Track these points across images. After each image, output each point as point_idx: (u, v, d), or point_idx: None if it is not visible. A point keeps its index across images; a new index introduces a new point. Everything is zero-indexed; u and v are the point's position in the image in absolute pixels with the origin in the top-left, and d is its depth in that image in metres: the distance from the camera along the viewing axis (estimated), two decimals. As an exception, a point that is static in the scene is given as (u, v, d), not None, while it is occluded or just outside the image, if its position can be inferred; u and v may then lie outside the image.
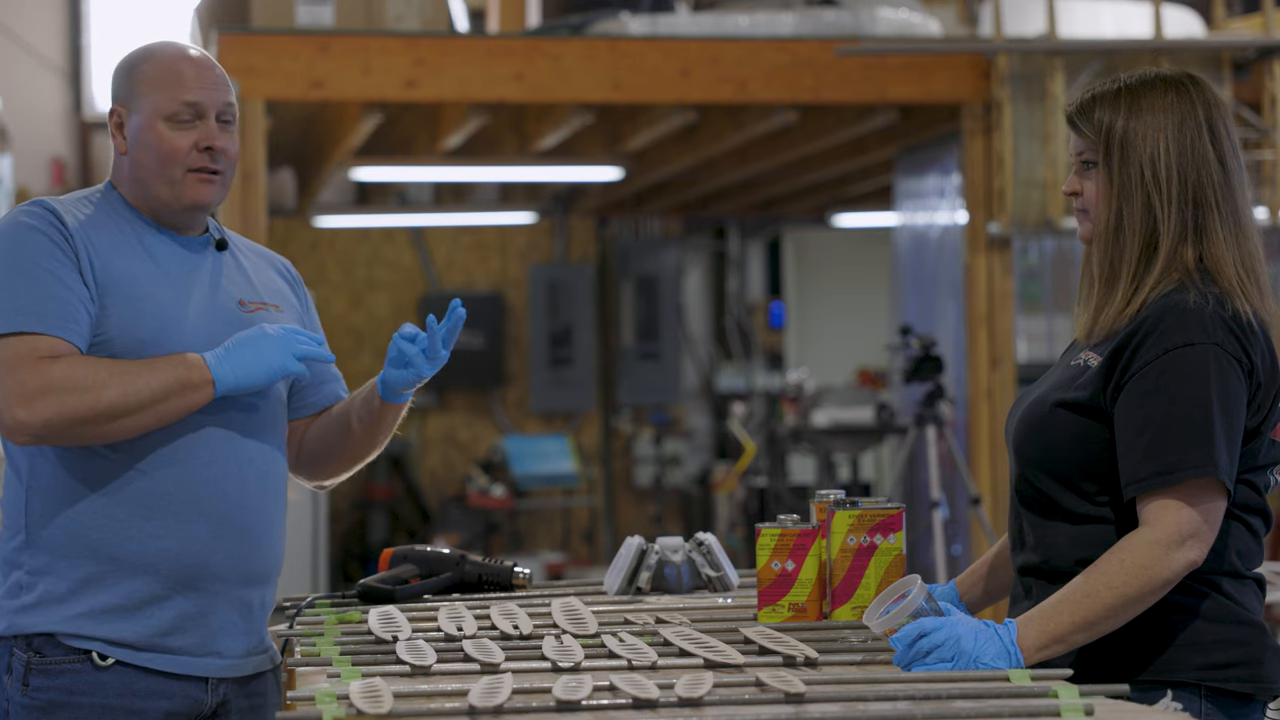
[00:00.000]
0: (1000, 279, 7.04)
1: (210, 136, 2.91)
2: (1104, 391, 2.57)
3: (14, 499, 2.89)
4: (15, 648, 2.85)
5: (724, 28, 7.04)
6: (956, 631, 2.41)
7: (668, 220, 11.95)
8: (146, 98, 2.90)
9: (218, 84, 2.93)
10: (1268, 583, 6.79)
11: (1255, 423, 2.57)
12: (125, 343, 2.82)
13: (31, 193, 10.41)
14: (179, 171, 2.90)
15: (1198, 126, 2.61)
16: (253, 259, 3.09)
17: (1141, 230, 2.61)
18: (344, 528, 11.08)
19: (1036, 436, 2.64)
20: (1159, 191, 2.59)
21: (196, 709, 2.89)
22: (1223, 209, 2.60)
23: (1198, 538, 2.48)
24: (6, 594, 2.88)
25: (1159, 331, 2.54)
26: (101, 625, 2.83)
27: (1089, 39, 7.07)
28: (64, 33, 11.37)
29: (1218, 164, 2.61)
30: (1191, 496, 2.48)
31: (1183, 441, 2.49)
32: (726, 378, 11.97)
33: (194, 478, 2.86)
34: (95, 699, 2.83)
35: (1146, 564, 2.47)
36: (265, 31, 6.53)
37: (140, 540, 2.83)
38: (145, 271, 2.88)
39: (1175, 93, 2.63)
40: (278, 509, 2.98)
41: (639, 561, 3.04)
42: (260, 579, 2.94)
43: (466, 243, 11.55)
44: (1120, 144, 2.61)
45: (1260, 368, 2.56)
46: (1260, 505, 2.62)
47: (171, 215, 2.94)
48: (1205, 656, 2.54)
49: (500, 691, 2.13)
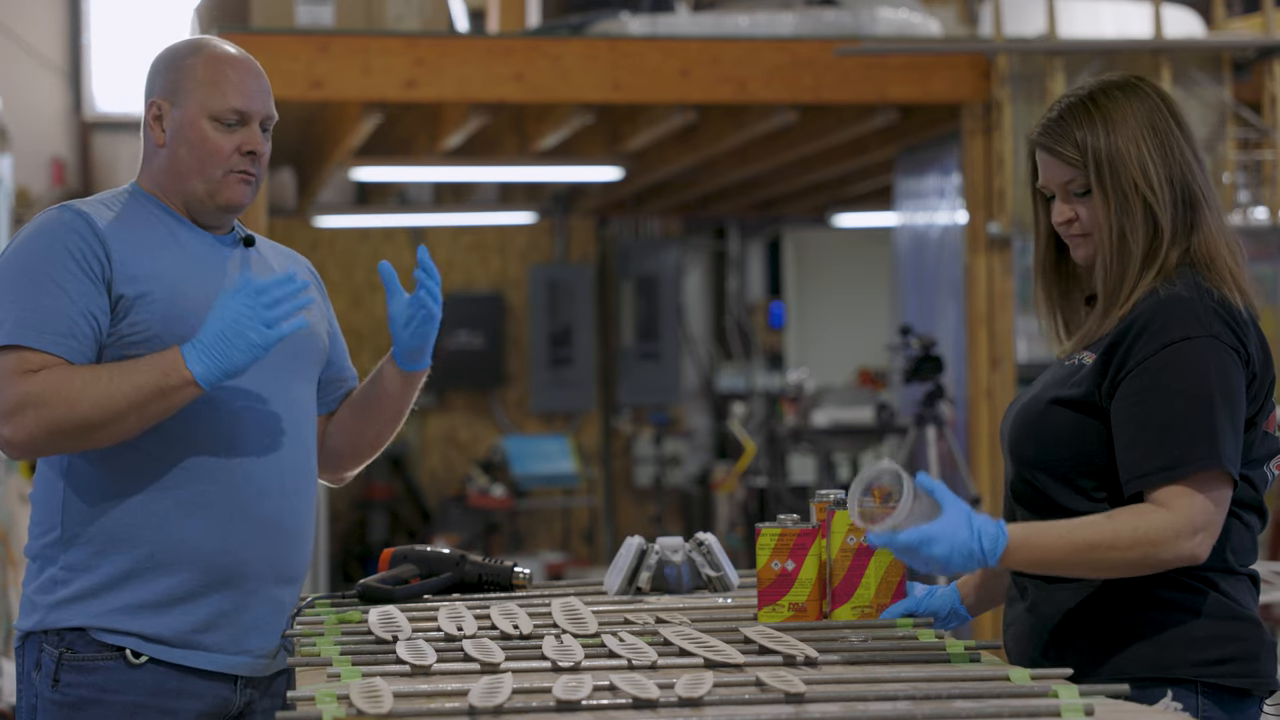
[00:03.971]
0: (1000, 279, 7.04)
1: (254, 142, 2.95)
2: (1099, 388, 2.58)
3: (49, 495, 2.89)
4: (45, 643, 2.85)
5: (724, 28, 7.04)
6: (933, 551, 2.44)
7: (668, 220, 11.95)
8: (194, 94, 2.93)
9: (265, 94, 3.00)
10: (1267, 582, 6.79)
11: (1250, 413, 2.58)
12: (166, 340, 2.84)
13: (31, 193, 10.41)
14: (219, 171, 2.93)
15: (1167, 124, 2.63)
16: (276, 258, 3.12)
17: (1144, 238, 2.61)
18: (344, 528, 11.08)
19: (1033, 435, 2.65)
20: (1156, 199, 2.60)
21: (225, 709, 2.91)
22: (1209, 200, 2.64)
23: (1209, 531, 2.49)
24: (40, 589, 2.88)
25: (1155, 326, 2.54)
26: (136, 620, 2.84)
27: (1089, 39, 7.07)
28: (64, 33, 11.36)
29: (1194, 157, 2.64)
30: (1202, 486, 2.49)
31: (1187, 436, 2.49)
32: (726, 378, 11.97)
33: (235, 477, 2.88)
34: (127, 697, 2.84)
35: (1156, 541, 2.47)
36: (265, 31, 6.53)
37: (180, 538, 2.85)
38: (183, 268, 2.90)
39: (1138, 97, 2.65)
40: (310, 509, 3.01)
41: (639, 561, 3.04)
42: (292, 578, 2.98)
43: (466, 243, 11.56)
44: (1109, 162, 2.61)
45: (1255, 358, 2.58)
46: (1256, 502, 2.62)
47: (204, 213, 2.96)
48: (1202, 653, 2.55)
49: (500, 691, 2.13)
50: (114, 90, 11.37)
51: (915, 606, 2.74)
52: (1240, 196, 6.90)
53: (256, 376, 2.89)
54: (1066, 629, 2.63)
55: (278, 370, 2.94)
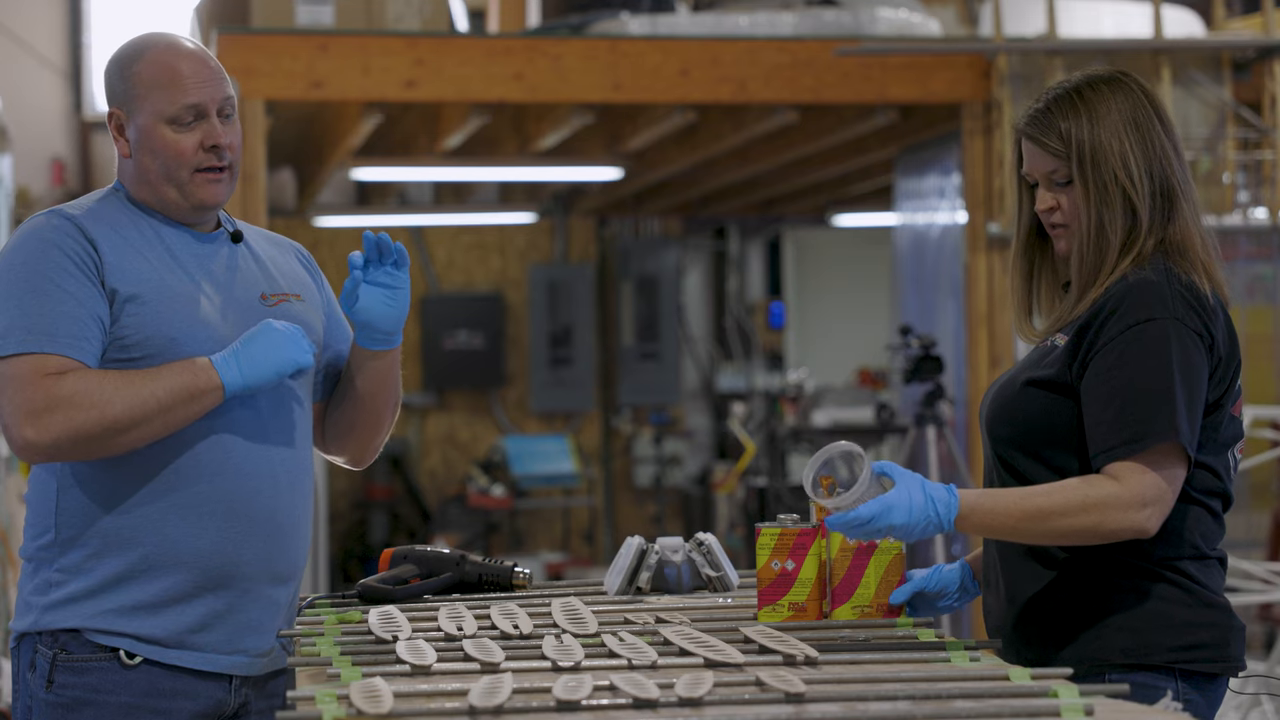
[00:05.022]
0: (1000, 279, 7.04)
1: (214, 135, 2.90)
2: (1070, 368, 2.67)
3: (43, 497, 2.89)
4: (40, 644, 2.85)
5: (724, 28, 7.04)
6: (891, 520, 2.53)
7: (668, 220, 11.95)
8: (145, 100, 2.90)
9: (215, 79, 2.92)
10: (1268, 582, 6.76)
11: (1216, 395, 2.66)
12: (159, 342, 2.83)
13: (31, 193, 10.41)
14: (185, 173, 2.90)
15: (1149, 119, 2.72)
16: (268, 248, 3.09)
17: (1122, 229, 2.70)
18: (344, 528, 11.08)
19: (1008, 414, 2.73)
20: (1135, 190, 2.69)
21: (219, 709, 2.90)
22: (1186, 193, 2.72)
23: (1159, 505, 2.58)
24: (34, 591, 2.88)
25: (1122, 309, 2.63)
26: (130, 621, 2.84)
27: (1089, 39, 7.07)
28: (64, 33, 11.37)
29: (1173, 151, 2.72)
30: (1155, 462, 2.58)
31: (1146, 410, 2.58)
32: (726, 378, 11.97)
33: (228, 478, 2.87)
34: (121, 697, 2.83)
35: (1104, 510, 2.56)
36: (265, 31, 6.53)
37: (175, 539, 2.84)
38: (169, 269, 2.89)
39: (1122, 91, 2.73)
40: (306, 507, 3.00)
41: (639, 561, 3.04)
42: (287, 577, 2.97)
43: (466, 243, 11.55)
44: (1091, 153, 2.70)
45: (1220, 342, 2.66)
46: (1221, 489, 2.71)
47: (182, 214, 2.95)
48: (1177, 639, 2.64)
49: (500, 691, 2.13)
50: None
51: (925, 584, 2.80)
52: (1240, 196, 6.91)
53: None
54: (1041, 617, 2.71)
55: None
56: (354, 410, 3.10)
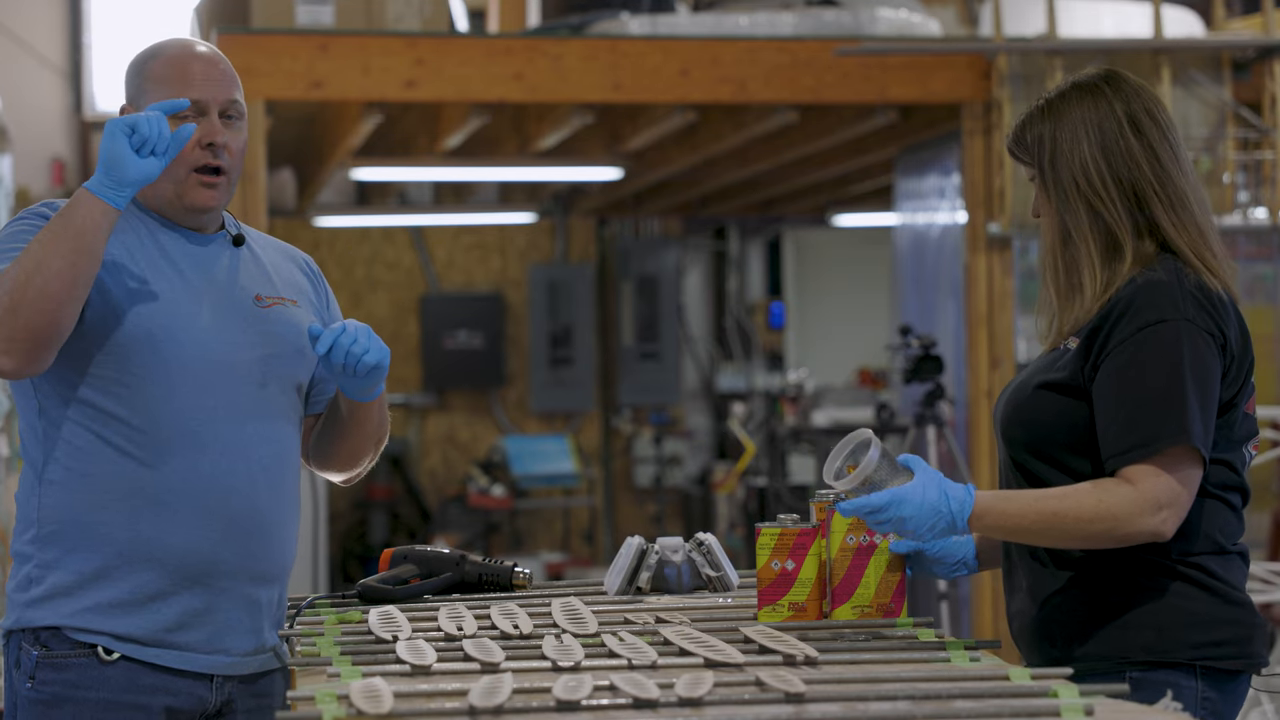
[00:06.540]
0: (1000, 279, 7.04)
1: (211, 132, 2.90)
2: (1082, 371, 2.67)
3: (28, 494, 2.90)
4: (24, 642, 2.86)
5: (724, 28, 7.04)
6: (902, 512, 2.55)
7: (668, 220, 11.95)
8: (151, 95, 2.91)
9: (222, 80, 2.93)
10: (1268, 582, 6.77)
11: (1229, 395, 2.66)
12: (136, 336, 2.83)
13: (31, 192, 10.41)
14: (183, 171, 2.90)
15: (1118, 124, 2.70)
16: (271, 254, 3.09)
17: (1093, 236, 2.70)
18: (344, 528, 11.08)
19: (1022, 418, 2.73)
20: (1098, 197, 2.69)
21: (201, 706, 2.90)
22: (1164, 197, 2.69)
23: (1174, 508, 2.57)
24: (17, 587, 2.89)
25: (1132, 310, 2.63)
26: (108, 620, 2.84)
27: (1089, 39, 7.06)
28: (64, 33, 11.37)
29: (1149, 155, 2.70)
30: (1169, 464, 2.58)
31: (1158, 413, 2.58)
32: (726, 378, 11.97)
33: (203, 475, 2.87)
34: (100, 693, 2.84)
35: (1119, 515, 2.56)
36: (265, 31, 6.53)
37: (148, 536, 2.84)
38: (158, 268, 2.89)
39: (1091, 97, 2.73)
40: (289, 509, 2.98)
41: (639, 561, 3.04)
42: (269, 578, 2.95)
43: (466, 243, 11.56)
44: (1050, 157, 2.72)
45: (1232, 341, 2.65)
46: (1238, 483, 2.72)
47: (177, 215, 2.94)
48: (1200, 636, 2.63)
49: (500, 691, 2.13)
50: (114, 90, 11.36)
51: (928, 546, 2.79)
52: (1240, 196, 6.90)
53: (228, 377, 2.89)
54: (1063, 615, 2.70)
55: (250, 369, 2.93)
56: (338, 439, 3.10)
